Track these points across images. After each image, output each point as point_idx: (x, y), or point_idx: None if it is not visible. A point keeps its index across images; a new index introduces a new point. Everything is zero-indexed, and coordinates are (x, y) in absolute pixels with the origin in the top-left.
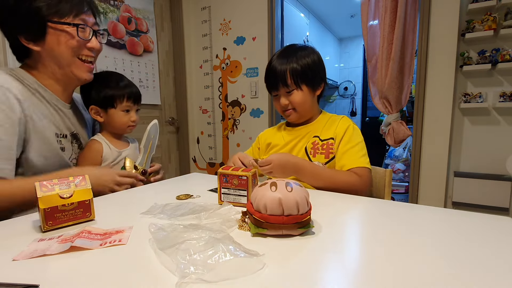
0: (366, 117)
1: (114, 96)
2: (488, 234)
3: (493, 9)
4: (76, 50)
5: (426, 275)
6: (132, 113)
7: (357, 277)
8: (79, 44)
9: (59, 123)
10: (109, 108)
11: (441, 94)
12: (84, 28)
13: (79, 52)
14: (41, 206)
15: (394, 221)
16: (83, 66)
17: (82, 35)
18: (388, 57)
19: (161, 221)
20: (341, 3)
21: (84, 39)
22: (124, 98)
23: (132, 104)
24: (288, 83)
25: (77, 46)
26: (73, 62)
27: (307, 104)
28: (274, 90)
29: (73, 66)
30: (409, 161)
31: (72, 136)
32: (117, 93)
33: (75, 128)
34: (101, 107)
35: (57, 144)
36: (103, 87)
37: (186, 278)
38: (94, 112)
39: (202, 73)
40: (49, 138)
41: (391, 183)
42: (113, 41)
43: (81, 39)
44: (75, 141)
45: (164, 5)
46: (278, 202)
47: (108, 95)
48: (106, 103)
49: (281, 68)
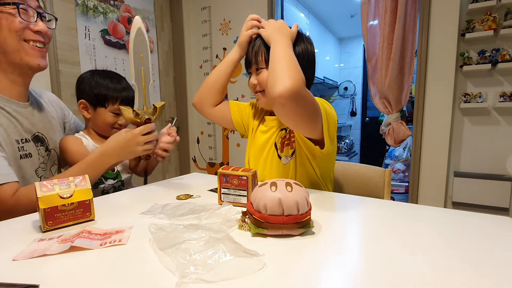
0: (366, 117)
1: (108, 96)
2: (488, 234)
3: (493, 9)
4: (21, 34)
5: (426, 275)
6: (121, 117)
7: (357, 277)
8: (22, 26)
9: (17, 127)
10: (99, 106)
11: (441, 94)
12: (26, 9)
13: (24, 35)
14: (41, 206)
15: (394, 221)
16: (33, 51)
17: (25, 17)
18: (388, 57)
19: (161, 221)
20: (341, 3)
21: (27, 20)
22: (117, 101)
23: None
24: (258, 59)
25: (20, 28)
26: (21, 47)
27: None
28: (247, 66)
29: (22, 52)
30: (409, 161)
31: (35, 138)
32: (112, 94)
33: (36, 128)
34: (91, 104)
35: (18, 153)
36: (99, 85)
37: (186, 278)
38: (82, 107)
39: (202, 73)
40: (11, 148)
41: (391, 183)
42: (113, 41)
43: (24, 21)
44: (40, 143)
45: (164, 5)
46: (278, 202)
47: (102, 94)
48: (98, 101)
49: (254, 44)
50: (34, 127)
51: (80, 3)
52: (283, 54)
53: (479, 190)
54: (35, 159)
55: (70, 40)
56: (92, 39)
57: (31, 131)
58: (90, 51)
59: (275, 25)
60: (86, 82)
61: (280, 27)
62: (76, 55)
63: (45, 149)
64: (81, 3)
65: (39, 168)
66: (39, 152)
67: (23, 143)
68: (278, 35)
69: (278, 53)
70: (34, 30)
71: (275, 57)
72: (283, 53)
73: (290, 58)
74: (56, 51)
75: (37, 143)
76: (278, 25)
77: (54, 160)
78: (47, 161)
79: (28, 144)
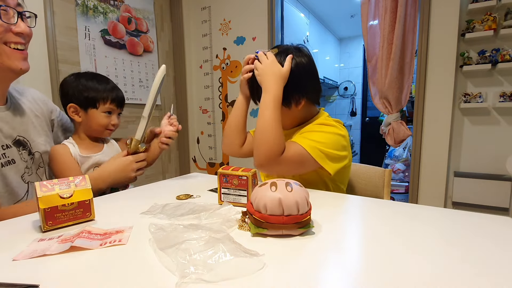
0: (366, 117)
1: (98, 96)
2: (488, 234)
3: (493, 9)
4: (2, 37)
5: (426, 275)
6: (113, 116)
7: (357, 277)
8: (3, 29)
9: None
10: (90, 108)
11: (441, 94)
12: (6, 10)
13: (5, 38)
14: (41, 206)
15: (394, 221)
16: (15, 54)
17: (5, 19)
18: (388, 57)
19: (161, 221)
20: (341, 3)
21: (8, 22)
22: (108, 100)
23: (115, 107)
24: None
25: (1, 31)
26: (2, 50)
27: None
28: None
29: (3, 56)
30: (409, 161)
31: (16, 143)
32: (102, 94)
33: (17, 132)
34: (81, 107)
35: None
36: (87, 87)
37: (186, 278)
38: (72, 111)
39: (202, 73)
40: None
41: (390, 183)
42: (113, 41)
43: (4, 23)
44: (22, 147)
45: (164, 5)
46: (278, 202)
47: (92, 95)
48: (88, 102)
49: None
50: (15, 131)
51: (80, 3)
52: (264, 118)
53: (479, 190)
54: (19, 164)
55: (70, 40)
56: (92, 39)
57: (11, 136)
58: (90, 51)
59: (267, 67)
60: (73, 86)
61: (271, 70)
62: (76, 55)
63: (28, 153)
64: (81, 3)
65: (25, 173)
66: (21, 157)
67: (4, 149)
68: (269, 81)
69: (261, 115)
70: (15, 32)
71: (258, 121)
72: (265, 116)
73: (270, 125)
74: (56, 51)
75: (19, 147)
76: (269, 67)
77: (39, 163)
78: (32, 165)
79: (10, 150)
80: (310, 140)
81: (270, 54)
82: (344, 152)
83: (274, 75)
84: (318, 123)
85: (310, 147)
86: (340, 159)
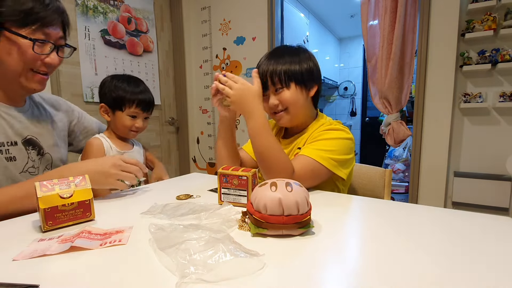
0: (366, 117)
1: (124, 99)
2: (488, 234)
3: (493, 9)
4: (30, 63)
5: (426, 275)
6: (138, 119)
7: (357, 277)
8: (33, 58)
9: (4, 129)
10: (117, 110)
11: (441, 94)
12: (44, 43)
13: (32, 66)
14: (41, 206)
15: (394, 221)
16: (35, 77)
17: (39, 50)
18: (388, 57)
19: (161, 221)
20: (341, 3)
21: (40, 54)
22: (133, 104)
23: (140, 111)
24: (275, 81)
25: (31, 60)
26: (24, 73)
27: (299, 104)
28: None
29: (22, 77)
30: (409, 161)
31: (26, 142)
32: (128, 97)
33: (30, 132)
34: (110, 107)
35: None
36: (117, 89)
37: (186, 278)
38: (103, 110)
39: (202, 73)
40: None
41: (391, 183)
42: (113, 41)
43: (36, 54)
44: (31, 147)
45: (164, 5)
46: (278, 202)
47: (119, 97)
48: (115, 104)
49: (268, 68)
50: (27, 131)
51: (80, 3)
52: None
53: (479, 190)
54: (18, 163)
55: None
56: (92, 39)
57: (21, 134)
58: (90, 51)
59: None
60: (106, 86)
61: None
62: (76, 55)
63: (37, 153)
64: (81, 3)
65: (27, 171)
66: (29, 155)
67: (9, 145)
68: (248, 106)
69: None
70: (44, 61)
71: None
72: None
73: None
74: None
75: (28, 146)
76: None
77: (47, 165)
78: (39, 165)
79: (14, 148)
80: (320, 150)
81: (233, 76)
82: (352, 154)
83: (251, 97)
84: (324, 129)
85: (322, 158)
86: (350, 162)
